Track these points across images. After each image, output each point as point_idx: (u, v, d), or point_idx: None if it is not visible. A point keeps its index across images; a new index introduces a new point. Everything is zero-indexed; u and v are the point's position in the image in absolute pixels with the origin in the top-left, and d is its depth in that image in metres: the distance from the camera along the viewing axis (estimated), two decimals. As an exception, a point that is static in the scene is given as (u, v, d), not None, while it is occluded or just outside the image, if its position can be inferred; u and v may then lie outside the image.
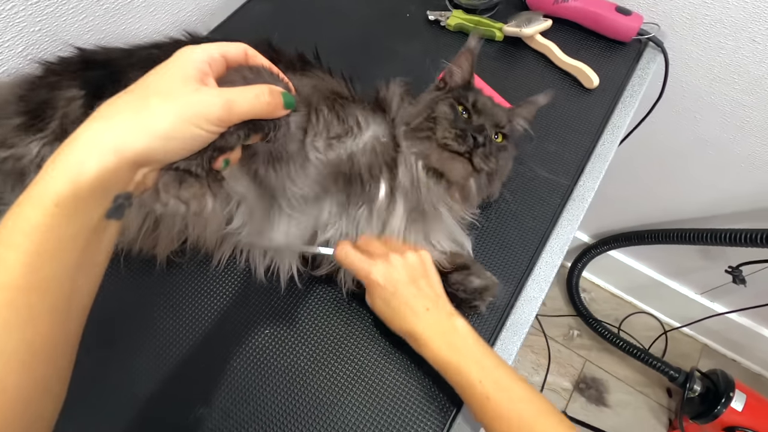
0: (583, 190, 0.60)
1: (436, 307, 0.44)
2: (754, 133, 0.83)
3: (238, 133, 0.32)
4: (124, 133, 0.26)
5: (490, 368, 0.41)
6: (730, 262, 1.01)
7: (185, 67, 0.29)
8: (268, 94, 0.32)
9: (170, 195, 0.31)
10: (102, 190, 0.26)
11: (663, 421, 1.32)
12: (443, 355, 0.42)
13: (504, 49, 0.72)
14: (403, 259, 0.45)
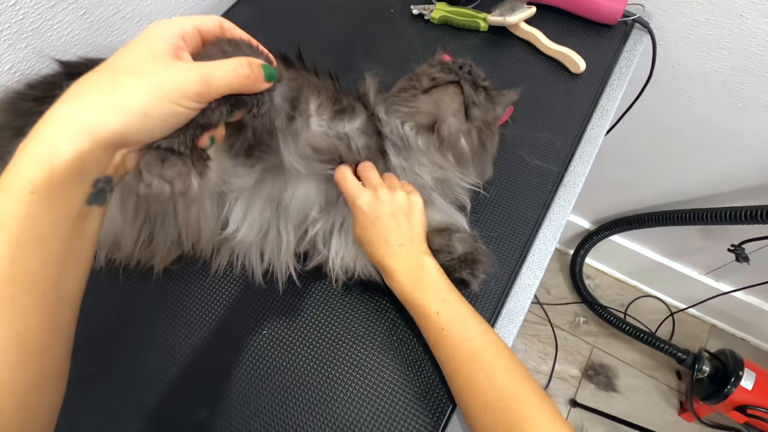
0: (574, 175, 0.59)
1: (411, 243, 0.45)
2: (748, 109, 0.83)
3: (220, 109, 0.31)
4: (97, 113, 0.25)
5: (450, 303, 0.43)
6: (732, 240, 1.00)
7: (156, 42, 0.28)
8: (247, 66, 0.31)
9: (153, 174, 0.29)
10: (79, 174, 0.25)
11: (674, 404, 1.31)
12: (407, 287, 0.44)
13: (489, 39, 0.72)
14: (391, 195, 0.46)
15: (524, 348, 1.40)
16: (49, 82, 0.52)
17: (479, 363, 0.40)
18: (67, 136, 0.24)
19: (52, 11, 0.58)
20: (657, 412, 1.30)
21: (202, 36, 0.32)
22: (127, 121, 0.26)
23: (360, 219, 0.46)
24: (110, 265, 0.52)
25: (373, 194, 0.46)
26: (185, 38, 0.30)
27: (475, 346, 0.41)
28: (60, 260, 0.26)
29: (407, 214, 0.46)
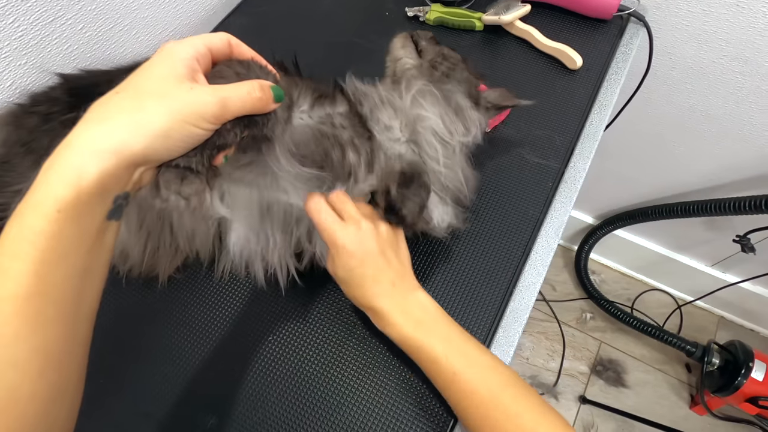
0: (574, 171, 0.59)
1: (402, 281, 0.42)
2: (748, 98, 0.82)
3: (234, 130, 0.33)
4: (122, 135, 0.26)
5: (456, 342, 0.40)
6: (737, 231, 0.99)
7: (175, 65, 0.29)
8: (259, 89, 0.32)
9: (171, 191, 0.31)
10: (102, 192, 0.26)
11: (684, 397, 1.31)
12: (407, 332, 0.40)
13: (485, 38, 0.72)
14: (375, 228, 0.42)
15: (532, 346, 1.40)
16: (52, 98, 0.52)
17: (498, 404, 0.37)
18: (94, 158, 0.26)
19: (50, 27, 0.59)
20: (668, 406, 1.29)
21: (212, 55, 0.33)
22: (149, 142, 0.27)
23: (343, 259, 0.41)
24: (115, 276, 0.53)
25: (356, 229, 0.41)
26: (199, 59, 0.31)
27: (491, 386, 0.38)
28: (81, 274, 0.27)
29: (395, 247, 0.43)
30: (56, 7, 0.58)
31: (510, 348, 0.50)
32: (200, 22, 0.79)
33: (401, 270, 0.43)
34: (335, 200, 0.43)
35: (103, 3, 0.64)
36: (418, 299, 0.42)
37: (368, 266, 0.41)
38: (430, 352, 0.39)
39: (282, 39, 0.76)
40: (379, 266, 0.41)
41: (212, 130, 0.30)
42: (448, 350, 0.39)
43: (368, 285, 0.41)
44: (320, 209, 0.41)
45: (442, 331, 0.40)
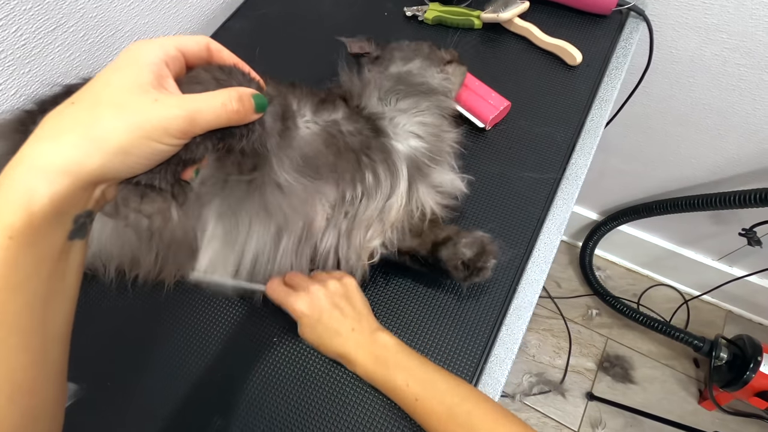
0: (575, 168, 0.59)
1: (360, 325, 0.46)
2: (751, 91, 0.82)
3: (205, 144, 0.29)
4: (74, 153, 0.24)
5: (415, 370, 0.43)
6: (743, 224, 0.99)
7: (139, 71, 0.26)
8: (237, 100, 0.29)
9: (130, 209, 0.29)
10: (58, 215, 0.24)
11: (693, 392, 1.30)
12: (370, 368, 0.44)
13: (484, 36, 0.72)
14: (324, 288, 0.47)
15: (538, 343, 1.39)
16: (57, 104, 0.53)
17: (456, 420, 0.40)
18: (44, 179, 0.23)
19: (52, 35, 0.59)
20: (676, 402, 1.29)
21: (186, 59, 0.30)
22: (106, 160, 0.24)
23: (304, 321, 0.47)
24: (123, 281, 0.53)
25: (306, 294, 0.46)
26: (168, 63, 0.28)
27: (448, 405, 0.40)
28: (44, 299, 0.25)
29: (346, 297, 0.47)
30: (58, 16, 0.59)
31: (514, 345, 0.50)
32: (200, 27, 0.79)
33: (357, 317, 0.46)
34: (287, 278, 0.49)
35: (105, 10, 0.64)
36: (378, 338, 0.45)
37: (325, 321, 0.46)
38: (391, 382, 0.43)
39: (282, 41, 0.76)
40: (335, 318, 0.46)
41: (179, 145, 0.27)
42: (407, 378, 0.42)
43: (330, 336, 0.46)
44: (274, 289, 0.48)
45: (402, 363, 0.43)
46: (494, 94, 0.61)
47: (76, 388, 0.48)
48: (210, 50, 0.31)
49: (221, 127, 0.29)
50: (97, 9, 0.63)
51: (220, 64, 0.32)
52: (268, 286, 0.48)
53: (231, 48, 0.47)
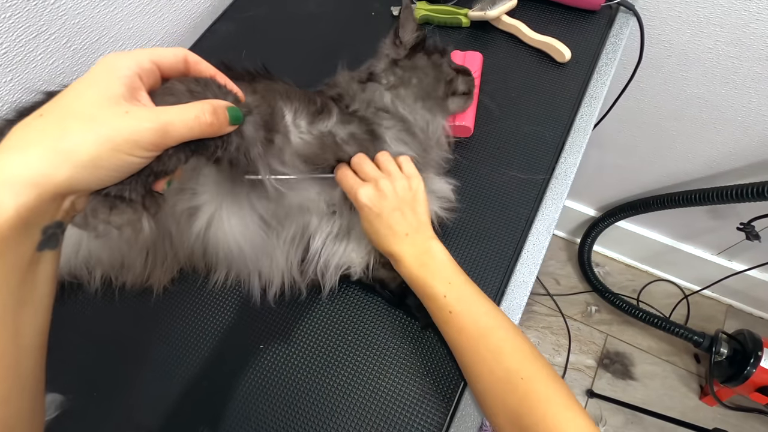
0: (565, 167, 0.58)
1: (416, 232, 0.46)
2: (746, 84, 0.81)
3: (177, 155, 0.29)
4: (41, 165, 0.24)
5: (457, 285, 0.43)
6: (742, 218, 0.98)
7: (111, 83, 0.26)
8: (210, 113, 0.29)
9: (99, 220, 0.28)
10: (25, 226, 0.24)
11: (694, 388, 1.29)
12: (414, 271, 0.44)
13: (472, 34, 0.71)
14: (393, 185, 0.46)
15: (537, 341, 1.38)
16: None
17: (487, 343, 0.40)
18: (10, 191, 0.23)
19: (34, 42, 0.59)
20: (677, 398, 1.28)
21: (162, 71, 0.30)
22: (74, 172, 0.24)
23: (365, 213, 0.47)
24: (109, 289, 0.53)
25: (374, 187, 0.46)
26: (142, 75, 0.28)
27: (482, 326, 0.41)
28: (14, 310, 0.25)
29: (411, 205, 0.46)
30: (39, 23, 0.58)
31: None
32: (187, 30, 0.79)
33: (416, 224, 0.46)
34: (354, 162, 0.48)
35: (87, 16, 0.64)
36: (430, 247, 0.45)
37: (384, 219, 0.46)
38: (431, 290, 0.43)
39: (269, 43, 0.75)
40: (395, 219, 0.46)
41: (150, 157, 0.27)
42: (447, 291, 0.42)
43: (385, 234, 0.46)
44: (345, 174, 0.47)
45: (445, 275, 0.44)
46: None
47: (62, 398, 0.48)
48: (187, 62, 0.31)
49: (195, 139, 0.29)
50: (80, 15, 0.63)
51: (197, 76, 0.32)
52: (338, 170, 0.48)
53: (218, 51, 0.47)
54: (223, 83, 0.33)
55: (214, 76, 0.33)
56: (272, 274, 0.50)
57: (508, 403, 0.37)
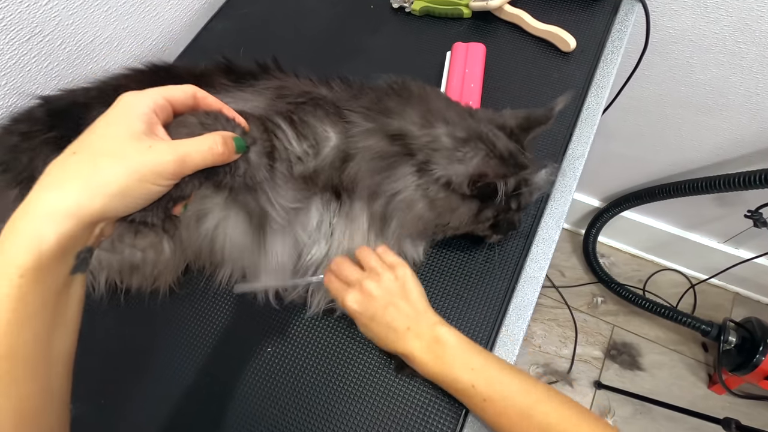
0: (573, 158, 0.57)
1: (417, 323, 0.43)
2: (752, 68, 0.79)
3: (192, 182, 0.33)
4: (79, 198, 0.27)
5: (480, 369, 0.41)
6: (749, 206, 0.96)
7: (132, 121, 0.29)
8: (222, 144, 0.32)
9: (125, 245, 0.31)
10: (64, 253, 0.27)
11: (702, 377, 1.28)
12: (432, 368, 0.42)
13: (474, 25, 0.69)
14: (378, 283, 0.44)
15: (543, 333, 1.38)
16: (34, 118, 0.52)
17: (531, 423, 0.38)
18: (52, 222, 0.26)
19: (27, 45, 0.58)
20: (685, 387, 1.27)
21: (173, 106, 0.33)
22: (106, 201, 0.27)
23: (357, 319, 0.45)
24: (114, 295, 0.52)
25: (359, 291, 0.44)
26: (157, 111, 0.31)
27: (523, 406, 0.39)
28: (49, 330, 0.27)
29: (402, 295, 0.44)
30: (32, 25, 0.57)
31: (515, 346, 0.48)
32: (182, 29, 0.77)
33: (413, 314, 0.44)
34: (334, 270, 0.47)
35: (81, 17, 0.63)
36: (438, 335, 0.42)
37: (379, 319, 0.44)
38: (457, 383, 0.41)
39: (266, 40, 0.74)
40: (391, 316, 0.43)
41: (171, 185, 0.30)
42: (473, 379, 0.40)
43: (386, 334, 0.44)
44: (331, 281, 0.47)
45: (466, 361, 0.41)
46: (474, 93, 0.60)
47: (69, 407, 0.47)
48: (196, 97, 0.34)
49: (207, 167, 0.32)
50: (73, 16, 0.61)
51: (207, 110, 0.35)
52: (326, 278, 0.47)
53: (215, 49, 0.46)
54: (231, 117, 0.37)
55: (221, 110, 0.36)
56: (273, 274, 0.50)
57: None
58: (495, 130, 0.45)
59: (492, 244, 0.52)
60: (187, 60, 0.73)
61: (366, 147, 0.45)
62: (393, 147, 0.45)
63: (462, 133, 0.44)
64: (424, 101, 0.47)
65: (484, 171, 0.42)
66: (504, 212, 0.46)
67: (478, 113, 0.48)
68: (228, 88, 0.50)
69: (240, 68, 0.52)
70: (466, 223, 0.46)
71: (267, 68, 0.52)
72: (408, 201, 0.45)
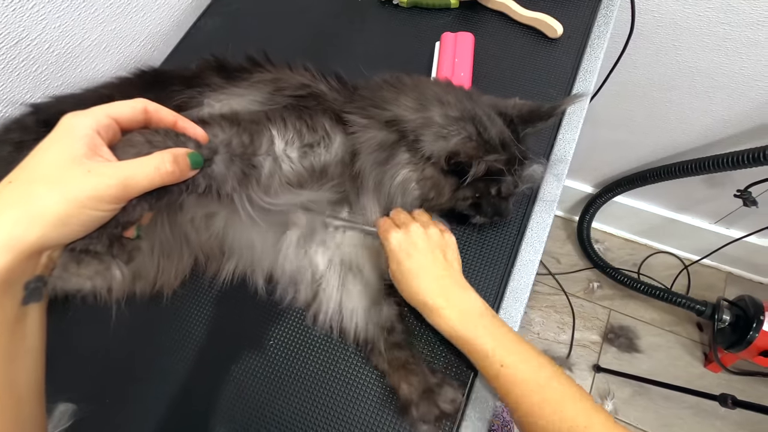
0: (563, 143, 0.58)
1: (450, 276, 0.43)
2: (737, 49, 0.80)
3: (141, 205, 0.31)
4: (14, 229, 0.25)
5: (502, 338, 0.41)
6: (738, 185, 0.98)
7: (72, 145, 0.28)
8: (171, 162, 0.31)
9: (70, 274, 0.30)
10: (7, 285, 0.25)
11: (698, 356, 1.31)
12: (456, 326, 0.42)
13: (461, 15, 0.70)
14: (424, 230, 0.45)
15: (541, 320, 1.39)
16: (24, 127, 0.51)
17: (544, 396, 0.38)
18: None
19: (15, 49, 0.57)
20: (682, 367, 1.30)
21: (120, 124, 0.31)
22: (44, 231, 0.26)
23: (392, 257, 0.44)
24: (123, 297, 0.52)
25: (404, 231, 0.44)
26: (101, 132, 0.29)
27: (538, 380, 0.39)
28: (7, 362, 0.26)
29: (443, 249, 0.45)
30: (19, 29, 0.57)
31: (513, 327, 0.49)
32: (171, 29, 0.77)
33: (448, 269, 0.44)
34: (393, 213, 0.47)
35: (68, 19, 0.62)
36: (468, 298, 0.43)
37: (414, 261, 0.43)
38: (478, 346, 0.41)
39: (255, 36, 0.74)
40: (425, 262, 0.43)
41: (115, 209, 0.29)
42: (495, 344, 0.40)
43: (414, 278, 0.43)
44: (382, 222, 0.46)
45: (489, 328, 0.41)
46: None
47: (74, 408, 0.48)
48: (147, 112, 0.32)
49: (156, 188, 0.30)
50: (60, 19, 0.61)
51: (158, 124, 0.33)
52: (378, 221, 0.47)
53: (205, 48, 0.45)
54: (182, 131, 0.34)
55: (175, 123, 0.34)
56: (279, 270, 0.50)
57: None
58: (494, 114, 0.46)
59: (486, 231, 0.53)
60: (177, 60, 0.73)
61: (366, 140, 0.46)
62: (390, 134, 0.46)
63: (455, 113, 0.45)
64: (418, 89, 0.48)
65: (457, 150, 0.43)
66: (485, 195, 0.47)
67: (481, 98, 0.49)
68: (222, 85, 0.50)
69: (231, 65, 0.52)
70: (448, 199, 0.47)
71: (258, 62, 0.52)
72: (403, 182, 0.46)
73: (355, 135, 0.46)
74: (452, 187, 0.46)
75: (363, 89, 0.50)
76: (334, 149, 0.46)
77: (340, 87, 0.50)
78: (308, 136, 0.45)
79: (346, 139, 0.46)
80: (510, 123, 0.47)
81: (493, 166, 0.43)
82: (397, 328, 0.47)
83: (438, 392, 0.43)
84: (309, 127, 0.45)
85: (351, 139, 0.46)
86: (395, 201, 0.48)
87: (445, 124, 0.44)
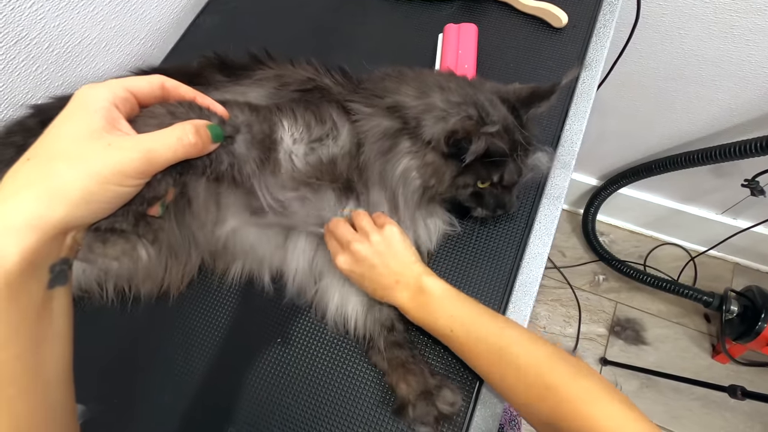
0: (570, 133, 0.57)
1: (405, 276, 0.45)
2: (744, 36, 0.79)
3: (166, 179, 0.30)
4: (36, 208, 0.24)
5: (460, 316, 0.42)
6: (745, 175, 0.97)
7: (89, 118, 0.26)
8: (194, 133, 0.29)
9: (96, 255, 0.28)
10: (32, 268, 0.24)
11: (706, 348, 1.30)
12: (417, 315, 0.44)
13: (464, 6, 0.69)
14: (367, 245, 0.45)
15: (547, 314, 1.39)
16: (27, 128, 0.51)
17: (504, 364, 0.39)
18: (11, 237, 0.24)
19: (14, 49, 0.57)
20: (690, 359, 1.29)
21: (138, 99, 0.30)
22: (68, 210, 0.25)
23: (349, 277, 0.47)
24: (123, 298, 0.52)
25: (348, 253, 0.46)
26: (118, 105, 0.28)
27: (496, 349, 0.40)
28: (34, 347, 0.25)
29: (390, 253, 0.45)
30: (18, 28, 0.56)
31: (523, 322, 0.49)
32: (170, 26, 0.77)
33: (401, 268, 0.45)
34: (330, 230, 0.47)
35: (67, 18, 0.62)
36: (423, 284, 0.44)
37: (368, 277, 0.46)
38: (437, 330, 0.43)
39: (255, 32, 0.73)
40: (379, 273, 0.45)
41: (141, 184, 0.27)
42: (451, 325, 0.42)
43: (375, 289, 0.46)
44: (328, 240, 0.48)
45: (446, 309, 0.43)
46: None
47: (83, 409, 0.47)
48: (165, 88, 0.31)
49: (181, 161, 0.29)
50: (59, 17, 0.60)
51: (178, 100, 0.32)
52: (325, 236, 0.48)
53: (204, 45, 0.44)
54: (205, 105, 0.33)
55: (194, 99, 0.33)
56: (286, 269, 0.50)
57: (542, 417, 0.37)
58: (496, 99, 0.45)
59: (494, 224, 0.52)
60: (177, 57, 0.73)
61: (370, 128, 0.45)
62: (393, 122, 0.45)
63: (457, 98, 0.44)
64: (419, 78, 0.48)
65: (455, 128, 0.42)
66: (484, 181, 0.46)
67: (484, 84, 0.48)
68: (224, 83, 0.49)
69: (233, 62, 0.51)
70: (449, 186, 0.46)
71: (260, 59, 0.52)
72: (404, 172, 0.46)
73: (359, 123, 0.46)
74: (453, 173, 0.46)
75: (366, 81, 0.50)
76: (341, 140, 0.46)
77: (345, 81, 0.50)
78: (317, 128, 0.45)
79: (352, 128, 0.46)
80: (513, 109, 0.46)
81: (493, 144, 0.42)
82: (397, 327, 0.47)
83: (437, 394, 0.43)
84: (317, 118, 0.45)
85: (356, 128, 0.46)
86: (397, 192, 0.47)
87: (446, 107, 0.44)
